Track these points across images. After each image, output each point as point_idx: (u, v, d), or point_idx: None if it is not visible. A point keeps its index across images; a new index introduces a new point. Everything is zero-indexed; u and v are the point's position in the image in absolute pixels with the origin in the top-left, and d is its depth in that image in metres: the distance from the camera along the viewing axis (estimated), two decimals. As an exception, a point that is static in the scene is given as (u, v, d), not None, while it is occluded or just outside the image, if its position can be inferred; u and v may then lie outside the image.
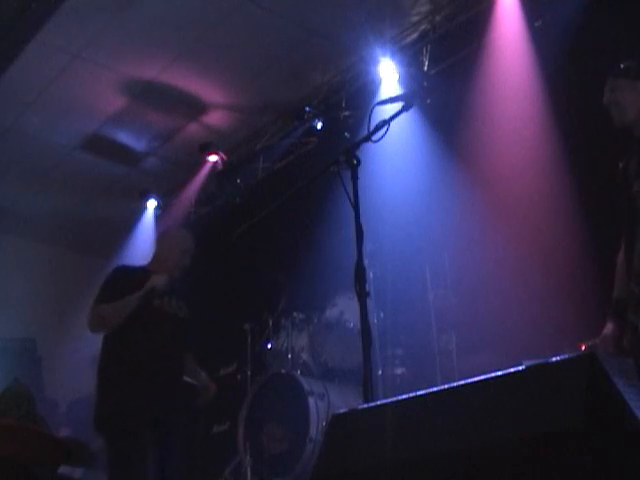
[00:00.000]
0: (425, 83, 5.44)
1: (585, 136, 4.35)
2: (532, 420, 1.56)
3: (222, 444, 5.57)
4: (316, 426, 4.36)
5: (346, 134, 5.81)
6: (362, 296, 2.52)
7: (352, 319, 4.80)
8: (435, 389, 1.88)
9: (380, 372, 4.64)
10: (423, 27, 5.46)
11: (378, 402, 2.14)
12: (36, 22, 5.03)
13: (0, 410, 2.55)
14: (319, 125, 6.19)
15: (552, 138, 4.55)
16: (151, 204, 7.45)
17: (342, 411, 2.09)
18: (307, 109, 6.09)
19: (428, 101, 5.21)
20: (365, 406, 2.19)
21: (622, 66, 3.14)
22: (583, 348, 3.09)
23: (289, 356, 4.89)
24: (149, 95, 6.11)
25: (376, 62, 5.59)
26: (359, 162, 2.69)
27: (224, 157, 6.73)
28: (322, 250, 5.35)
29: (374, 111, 2.82)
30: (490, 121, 4.86)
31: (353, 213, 2.64)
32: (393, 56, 5.54)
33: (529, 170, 4.61)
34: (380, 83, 5.65)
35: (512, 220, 4.65)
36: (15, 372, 5.81)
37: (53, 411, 6.27)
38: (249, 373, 5.31)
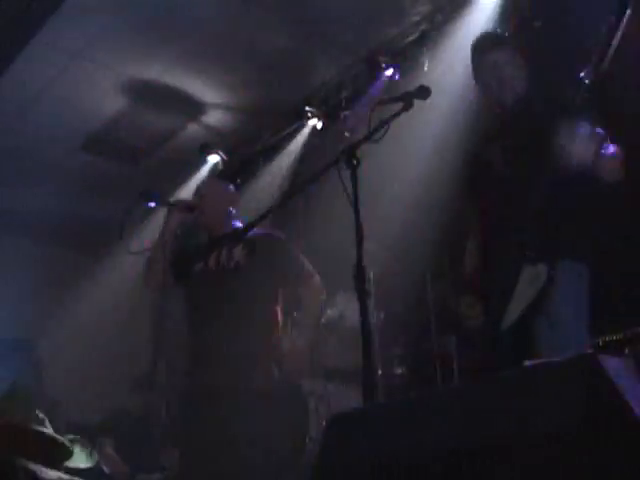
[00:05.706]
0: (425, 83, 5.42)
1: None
2: (532, 420, 1.55)
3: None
4: (316, 426, 4.36)
5: (346, 134, 5.80)
6: (362, 296, 2.52)
7: (352, 319, 4.79)
8: (435, 389, 1.88)
9: (380, 372, 4.64)
10: (423, 27, 5.46)
11: (378, 402, 2.14)
12: (36, 22, 5.03)
13: (0, 410, 2.55)
14: (319, 125, 6.18)
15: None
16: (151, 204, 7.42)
17: (342, 411, 2.09)
18: (307, 109, 6.09)
19: (428, 101, 5.19)
20: (365, 406, 2.19)
21: (500, 36, 3.04)
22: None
23: (289, 356, 4.88)
24: (149, 95, 6.11)
25: (376, 62, 5.58)
26: (359, 162, 2.69)
27: (224, 157, 6.72)
28: (322, 250, 5.34)
29: (374, 111, 2.81)
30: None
31: (353, 213, 2.64)
32: (393, 56, 5.53)
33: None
34: (380, 83, 5.64)
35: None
36: (15, 372, 5.80)
37: (53, 411, 6.26)
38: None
